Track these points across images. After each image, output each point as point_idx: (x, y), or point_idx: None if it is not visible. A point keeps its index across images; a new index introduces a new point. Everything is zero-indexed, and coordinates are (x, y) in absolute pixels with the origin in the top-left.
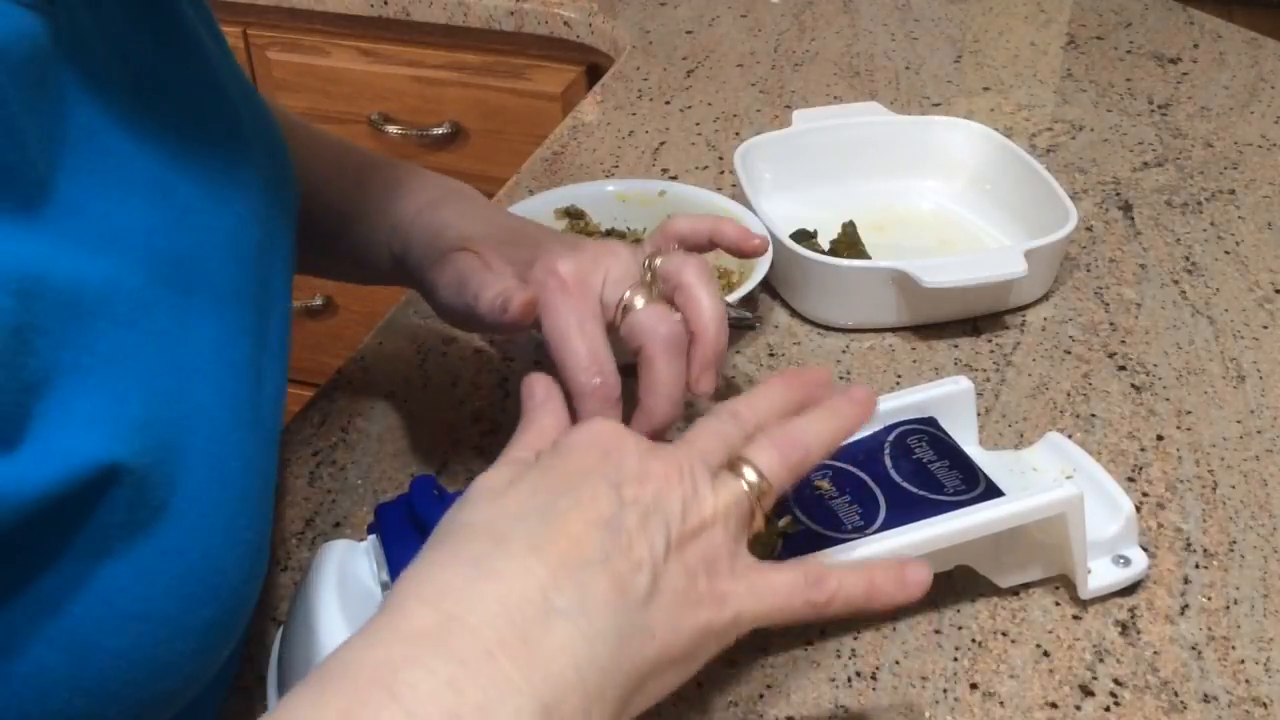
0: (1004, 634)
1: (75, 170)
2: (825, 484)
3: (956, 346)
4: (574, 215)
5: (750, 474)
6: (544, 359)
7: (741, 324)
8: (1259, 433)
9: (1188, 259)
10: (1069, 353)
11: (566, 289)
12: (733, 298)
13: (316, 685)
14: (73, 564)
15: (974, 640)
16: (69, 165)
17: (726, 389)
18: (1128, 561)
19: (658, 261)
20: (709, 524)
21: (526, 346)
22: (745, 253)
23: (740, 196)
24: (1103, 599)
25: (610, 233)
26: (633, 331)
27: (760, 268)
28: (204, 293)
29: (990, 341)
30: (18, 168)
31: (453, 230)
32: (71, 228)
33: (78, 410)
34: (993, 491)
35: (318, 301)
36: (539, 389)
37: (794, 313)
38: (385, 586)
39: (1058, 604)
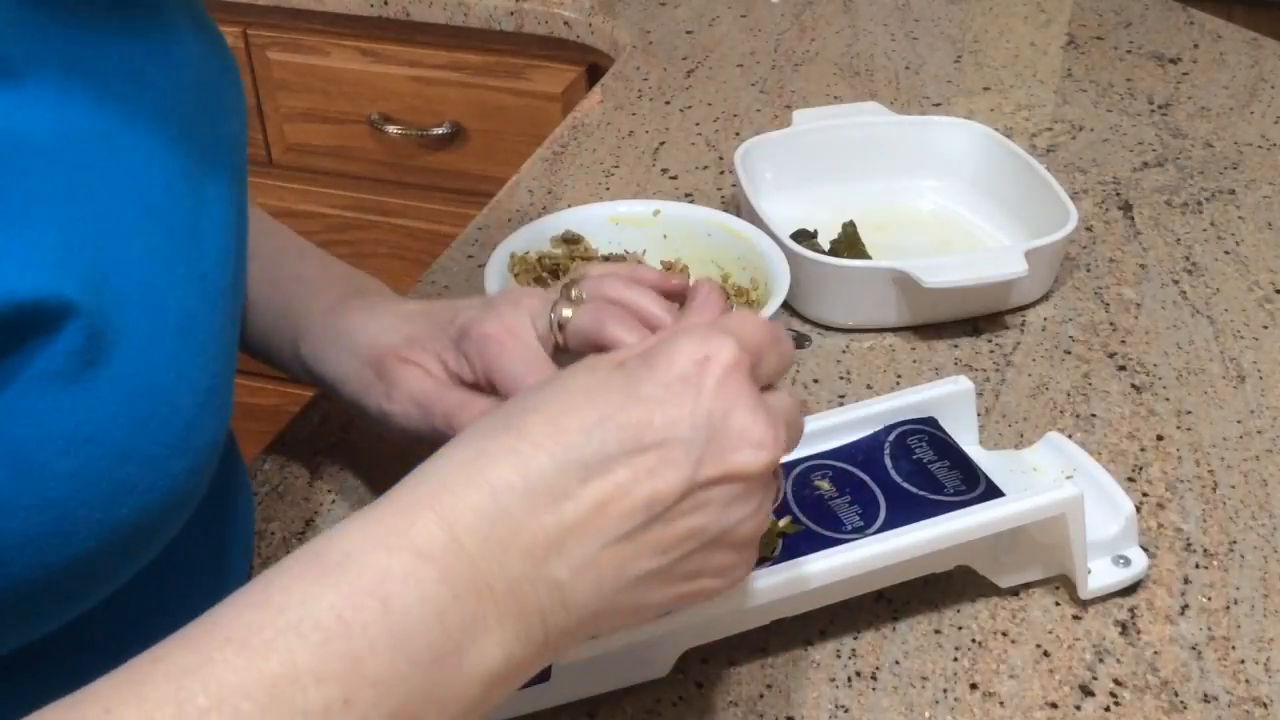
0: (1004, 634)
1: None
2: (825, 484)
3: (956, 346)
4: (571, 241)
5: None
6: None
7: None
8: (1259, 433)
9: (1188, 259)
10: (1069, 353)
11: (502, 344)
12: None
13: (315, 569)
14: (15, 390)
15: (974, 640)
16: None
17: None
18: (1128, 561)
19: (576, 288)
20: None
21: None
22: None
23: (740, 196)
24: (1103, 599)
25: (609, 257)
26: (578, 332)
27: (779, 290)
28: (127, 142)
29: (990, 341)
30: None
31: (365, 335)
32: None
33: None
34: (993, 491)
35: None
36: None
37: (794, 313)
38: None
39: (1058, 604)
